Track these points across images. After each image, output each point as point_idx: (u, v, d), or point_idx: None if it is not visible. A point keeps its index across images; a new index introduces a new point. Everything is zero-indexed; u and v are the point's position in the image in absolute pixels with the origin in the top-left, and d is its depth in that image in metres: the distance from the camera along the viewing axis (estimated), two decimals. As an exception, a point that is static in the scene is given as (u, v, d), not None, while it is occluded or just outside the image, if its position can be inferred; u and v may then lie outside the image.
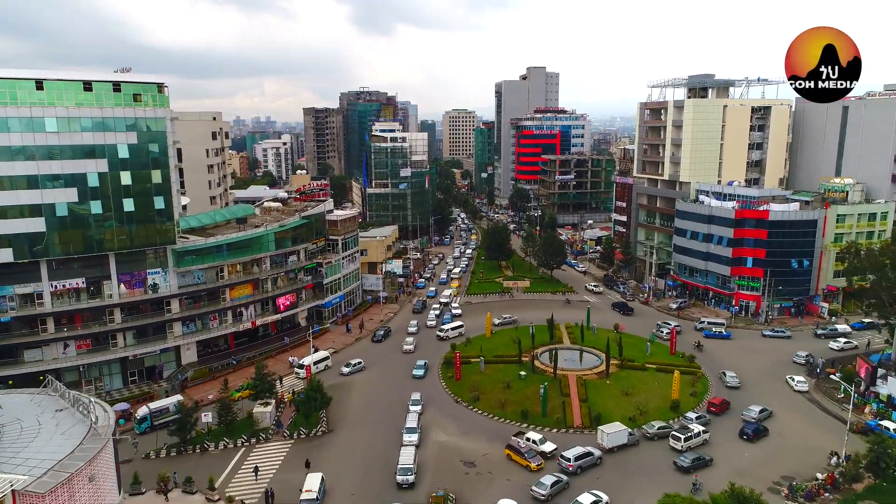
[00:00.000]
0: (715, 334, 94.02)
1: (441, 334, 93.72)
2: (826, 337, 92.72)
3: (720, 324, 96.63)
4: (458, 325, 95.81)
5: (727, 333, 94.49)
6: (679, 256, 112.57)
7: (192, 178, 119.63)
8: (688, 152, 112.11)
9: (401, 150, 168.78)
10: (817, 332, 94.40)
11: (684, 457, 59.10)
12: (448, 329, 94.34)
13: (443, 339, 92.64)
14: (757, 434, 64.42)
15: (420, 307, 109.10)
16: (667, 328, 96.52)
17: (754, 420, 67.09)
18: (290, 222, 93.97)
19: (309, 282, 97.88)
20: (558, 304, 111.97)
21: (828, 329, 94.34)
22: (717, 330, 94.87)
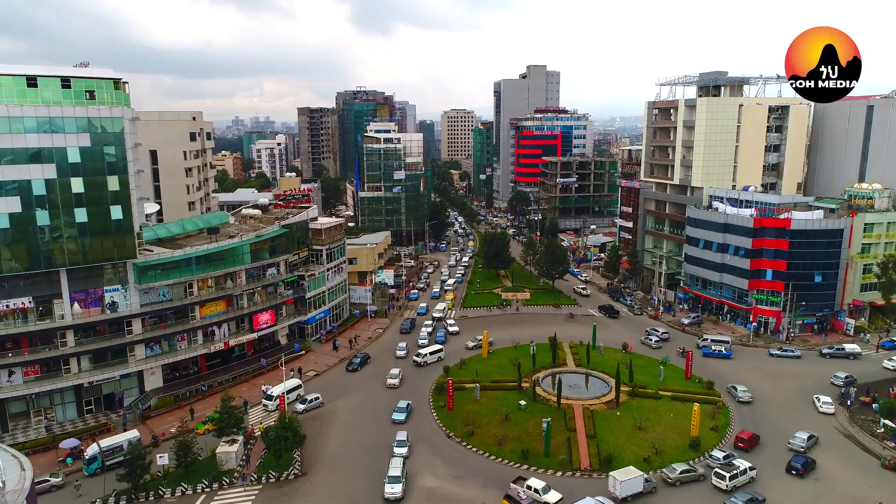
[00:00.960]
0: (714, 353, 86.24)
1: (418, 360, 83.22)
2: (832, 356, 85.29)
3: (724, 341, 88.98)
4: (437, 350, 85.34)
5: (728, 353, 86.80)
6: (691, 267, 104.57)
7: (169, 182, 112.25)
8: (700, 155, 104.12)
9: (394, 152, 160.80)
10: (823, 352, 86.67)
11: (735, 498, 51.62)
12: (426, 354, 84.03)
13: (420, 366, 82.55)
14: (807, 468, 57.16)
15: (408, 327, 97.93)
16: (656, 335, 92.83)
17: (803, 449, 59.74)
18: (268, 232, 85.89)
19: (290, 296, 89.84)
20: (561, 318, 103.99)
21: (834, 348, 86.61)
22: (718, 348, 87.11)
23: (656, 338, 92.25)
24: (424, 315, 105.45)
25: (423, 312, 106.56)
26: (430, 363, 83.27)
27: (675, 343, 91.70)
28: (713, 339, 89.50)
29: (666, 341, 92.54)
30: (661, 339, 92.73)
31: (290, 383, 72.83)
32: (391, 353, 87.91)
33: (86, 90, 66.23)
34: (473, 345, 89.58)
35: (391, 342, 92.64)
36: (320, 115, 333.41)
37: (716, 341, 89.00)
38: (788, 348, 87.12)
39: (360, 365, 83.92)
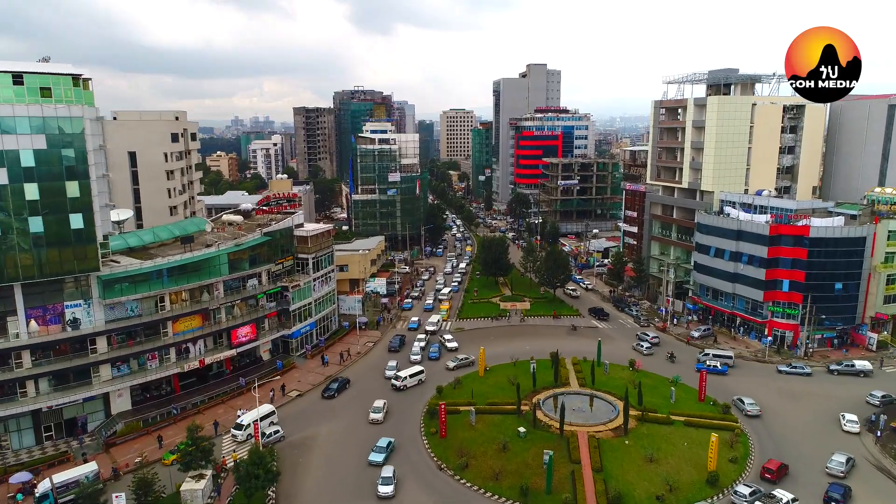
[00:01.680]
0: (708, 368, 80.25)
1: (397, 383, 75.25)
2: (840, 374, 79.73)
3: (727, 356, 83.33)
4: (418, 372, 77.46)
5: (723, 368, 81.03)
6: (700, 276, 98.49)
7: (149, 185, 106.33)
8: (711, 157, 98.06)
9: (389, 153, 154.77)
10: (831, 368, 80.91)
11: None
12: (406, 377, 75.94)
13: (400, 390, 75.16)
14: (846, 498, 52.06)
15: (398, 345, 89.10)
16: (646, 342, 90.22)
17: (842, 475, 54.83)
18: (248, 240, 79.80)
19: (272, 309, 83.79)
20: (562, 330, 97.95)
21: (842, 364, 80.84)
22: (713, 363, 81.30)
23: (647, 344, 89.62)
24: (416, 329, 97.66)
25: (415, 327, 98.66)
26: (410, 386, 75.89)
27: (665, 347, 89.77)
28: (714, 354, 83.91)
29: (657, 345, 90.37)
30: (652, 343, 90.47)
31: (264, 409, 66.12)
32: (378, 373, 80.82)
33: (41, 87, 60.11)
34: (455, 364, 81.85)
35: (379, 360, 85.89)
36: (316, 115, 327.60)
37: (717, 356, 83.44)
38: (798, 365, 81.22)
39: (339, 390, 75.25)
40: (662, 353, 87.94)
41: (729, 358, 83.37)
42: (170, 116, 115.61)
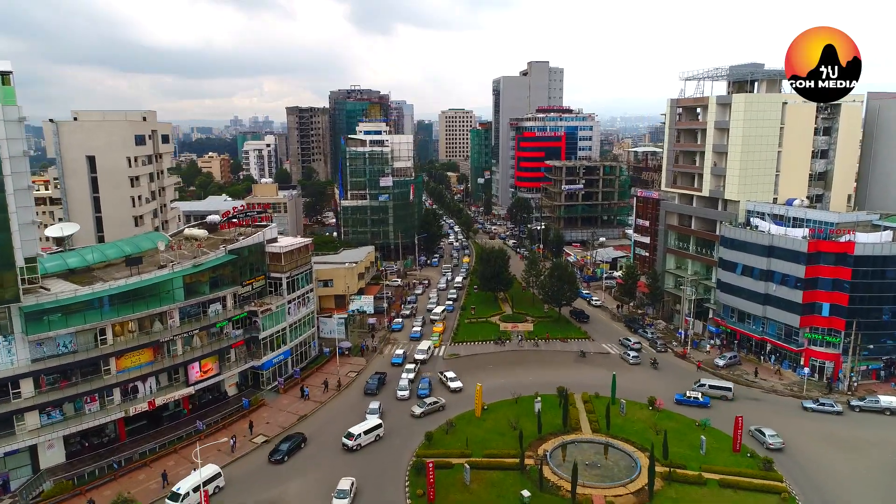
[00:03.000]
0: (689, 400, 70.85)
1: (349, 443, 60.71)
2: (862, 410, 69.78)
3: (725, 388, 73.49)
4: (374, 427, 62.92)
5: (705, 400, 71.25)
6: (725, 296, 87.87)
7: (111, 194, 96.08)
8: (736, 162, 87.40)
9: (381, 156, 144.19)
10: (852, 405, 70.70)
11: None
12: (359, 433, 61.53)
13: (352, 451, 60.88)
14: None
15: (375, 386, 74.62)
16: (634, 353, 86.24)
17: None
18: (208, 259, 69.10)
19: (239, 338, 73.16)
20: (570, 356, 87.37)
21: (866, 400, 70.73)
22: (694, 395, 71.51)
23: (634, 353, 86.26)
24: (401, 364, 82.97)
25: (399, 362, 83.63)
26: (365, 445, 61.78)
27: (648, 354, 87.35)
28: (711, 385, 73.97)
29: (640, 351, 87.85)
30: (634, 348, 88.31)
31: (207, 470, 54.73)
32: (356, 415, 68.12)
33: (-59, 82, 49.60)
34: (423, 410, 68.24)
35: (356, 399, 73.49)
36: (310, 115, 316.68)
37: (715, 387, 73.63)
38: (826, 401, 70.65)
39: (290, 452, 60.63)
40: (644, 358, 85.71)
41: (727, 390, 73.40)
42: (136, 117, 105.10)
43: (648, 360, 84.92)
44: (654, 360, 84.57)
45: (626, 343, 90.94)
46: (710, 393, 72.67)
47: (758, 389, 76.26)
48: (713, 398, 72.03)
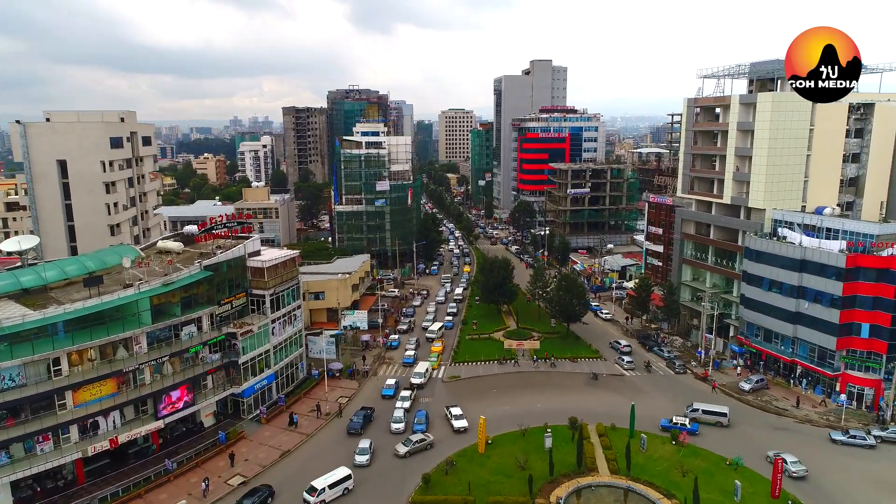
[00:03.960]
0: (674, 426, 64.33)
1: (312, 500, 51.66)
2: (885, 441, 63.11)
3: (720, 413, 66.92)
4: (342, 479, 53.86)
5: (694, 426, 64.86)
6: (750, 313, 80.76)
7: (84, 200, 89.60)
8: (762, 167, 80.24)
9: (377, 158, 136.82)
10: (872, 433, 63.83)
11: None
12: (324, 488, 52.38)
13: None
14: None
15: (360, 424, 64.96)
16: (628, 358, 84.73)
17: None
18: (180, 277, 61.90)
19: (216, 363, 66.01)
20: (580, 378, 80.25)
21: (888, 430, 64.14)
22: (681, 421, 65.05)
23: (628, 359, 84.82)
24: (393, 396, 73.25)
25: (391, 393, 73.69)
26: (330, 502, 52.71)
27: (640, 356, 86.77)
28: (705, 411, 67.46)
29: (630, 353, 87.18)
30: (624, 351, 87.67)
31: None
32: (341, 455, 60.26)
33: None
34: (408, 450, 60.13)
35: (344, 433, 65.54)
36: (307, 115, 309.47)
37: (709, 412, 67.16)
38: (858, 433, 63.64)
39: None
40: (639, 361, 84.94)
41: (722, 416, 66.89)
42: (113, 117, 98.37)
43: (642, 363, 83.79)
44: (648, 362, 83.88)
45: (616, 346, 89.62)
46: (704, 419, 66.54)
47: (790, 419, 69.11)
48: (707, 424, 66.01)
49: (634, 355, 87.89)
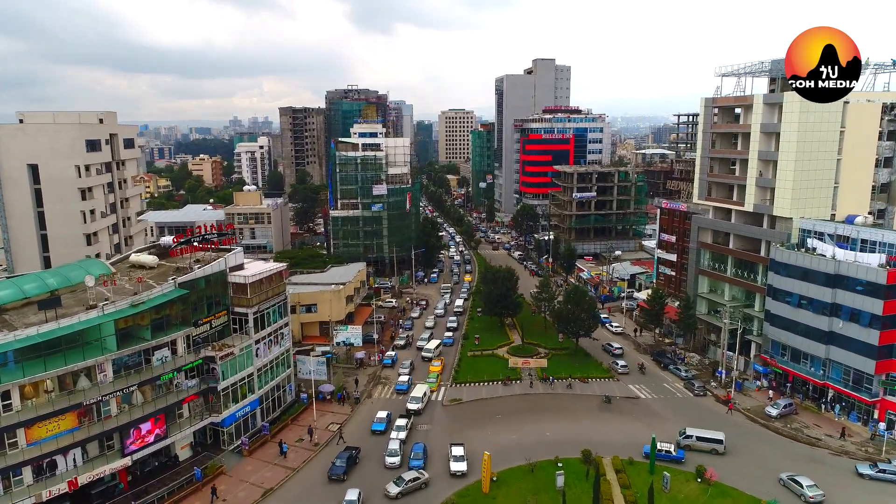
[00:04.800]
0: (659, 454, 58.62)
1: None
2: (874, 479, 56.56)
3: (716, 440, 61.23)
4: None
5: (679, 453, 59.51)
6: (775, 331, 74.58)
7: (57, 208, 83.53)
8: (789, 172, 74.03)
9: (374, 161, 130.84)
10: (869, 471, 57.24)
11: None
12: None
13: None
14: None
15: (343, 469, 56.90)
16: (622, 362, 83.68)
17: None
18: (151, 297, 55.69)
19: (193, 390, 59.83)
20: (593, 401, 74.08)
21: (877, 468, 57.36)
22: (666, 449, 59.42)
23: (622, 362, 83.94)
24: (384, 432, 64.97)
25: (382, 428, 65.32)
26: None
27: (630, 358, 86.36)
28: (699, 437, 61.62)
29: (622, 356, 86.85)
30: (616, 353, 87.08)
31: None
32: (329, 496, 54.14)
33: None
34: (399, 490, 53.47)
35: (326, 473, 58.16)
36: (304, 115, 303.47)
37: (704, 439, 61.38)
38: (889, 466, 57.46)
39: None
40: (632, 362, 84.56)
41: (718, 443, 61.17)
42: (91, 118, 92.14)
43: (636, 366, 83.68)
44: (642, 364, 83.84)
45: (608, 349, 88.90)
46: (699, 446, 60.81)
47: (823, 450, 62.89)
48: (702, 452, 60.28)
49: (627, 357, 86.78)
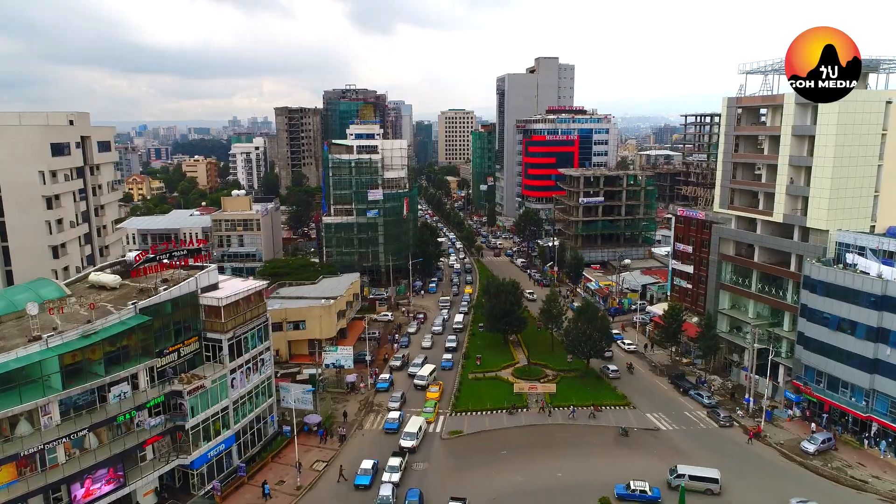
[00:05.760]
0: (633, 495, 52.86)
1: None
2: None
3: (711, 479, 54.63)
4: None
5: (654, 493, 53.04)
6: (810, 355, 67.38)
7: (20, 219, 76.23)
8: (826, 180, 66.84)
9: (369, 164, 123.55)
10: None
11: None
12: None
13: None
14: None
15: None
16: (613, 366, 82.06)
17: None
18: (105, 325, 48.40)
19: (157, 430, 52.59)
20: (608, 434, 66.76)
21: None
22: (640, 488, 53.07)
23: (612, 366, 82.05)
24: (369, 486, 55.48)
25: (367, 483, 55.65)
26: None
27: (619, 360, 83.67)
28: (693, 476, 54.68)
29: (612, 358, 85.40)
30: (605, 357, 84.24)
31: None
32: None
33: None
34: None
35: None
36: (300, 115, 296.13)
37: (697, 478, 54.60)
38: None
39: None
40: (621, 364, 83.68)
41: (713, 482, 54.45)
42: (61, 119, 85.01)
43: (625, 365, 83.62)
44: (630, 364, 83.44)
45: (605, 371, 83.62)
46: (693, 486, 53.73)
47: (871, 494, 55.69)
48: (695, 492, 53.35)
49: (616, 360, 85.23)
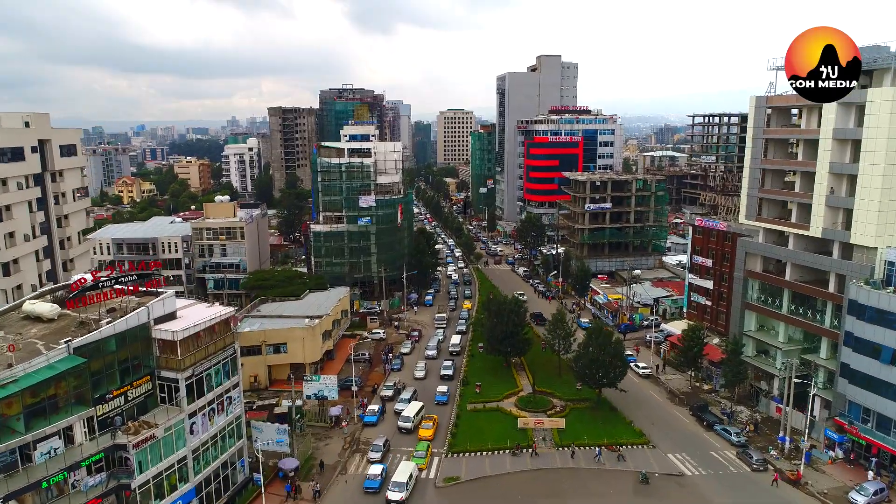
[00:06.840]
0: None
1: None
2: None
3: None
4: None
5: None
6: (855, 390, 59.18)
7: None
8: (875, 190, 58.67)
9: (361, 169, 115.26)
10: None
11: None
12: None
13: None
14: None
15: None
16: None
17: None
18: (29, 370, 40.06)
19: (97, 490, 44.27)
20: (625, 480, 58.50)
21: None
22: None
23: None
24: None
25: None
26: None
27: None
28: None
29: None
30: None
31: None
32: None
33: None
34: None
35: None
36: (294, 116, 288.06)
37: None
38: None
39: None
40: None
41: None
42: (15, 120, 76.72)
43: None
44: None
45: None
46: None
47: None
48: None
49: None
